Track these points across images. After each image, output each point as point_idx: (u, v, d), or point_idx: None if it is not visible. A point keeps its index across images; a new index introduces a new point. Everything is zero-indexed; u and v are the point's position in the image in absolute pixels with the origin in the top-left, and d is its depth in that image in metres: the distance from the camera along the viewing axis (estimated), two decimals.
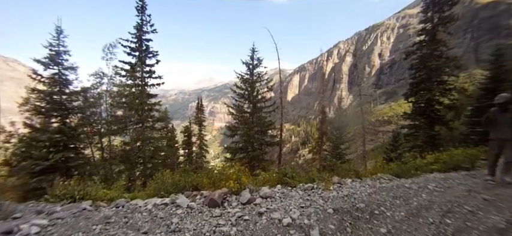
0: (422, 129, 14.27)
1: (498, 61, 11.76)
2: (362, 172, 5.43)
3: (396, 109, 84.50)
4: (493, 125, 4.70)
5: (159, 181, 4.87)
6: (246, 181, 3.81)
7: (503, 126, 4.57)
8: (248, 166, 16.91)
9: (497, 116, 4.62)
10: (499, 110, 4.59)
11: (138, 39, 15.47)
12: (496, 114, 4.63)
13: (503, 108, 4.53)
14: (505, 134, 4.54)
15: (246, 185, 3.94)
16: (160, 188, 4.70)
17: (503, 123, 4.57)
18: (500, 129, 4.58)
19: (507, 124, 4.55)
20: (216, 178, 4.15)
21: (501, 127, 4.58)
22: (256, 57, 16.57)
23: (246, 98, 16.51)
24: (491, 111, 4.69)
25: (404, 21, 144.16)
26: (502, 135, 4.57)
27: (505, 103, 4.49)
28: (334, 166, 5.98)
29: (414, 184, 4.27)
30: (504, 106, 4.51)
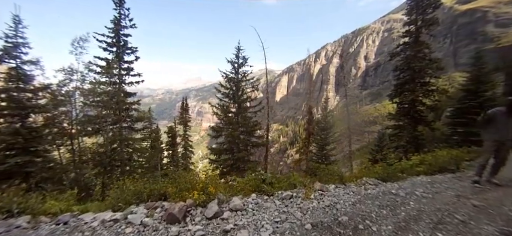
0: (406, 129, 14.37)
1: (478, 63, 11.96)
2: (346, 176, 5.08)
3: (381, 110, 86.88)
4: (493, 126, 4.50)
5: (117, 190, 4.24)
6: (214, 190, 3.30)
7: (504, 128, 4.42)
8: (233, 168, 16.52)
9: (498, 117, 4.42)
10: (503, 112, 4.39)
11: (115, 34, 14.51)
12: (498, 115, 4.43)
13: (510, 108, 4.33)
14: (505, 136, 4.42)
15: (216, 195, 3.42)
16: (119, 198, 4.08)
17: (505, 124, 4.41)
18: (502, 131, 4.42)
19: (508, 127, 4.41)
20: (183, 187, 3.61)
21: (501, 129, 4.42)
22: (241, 56, 16.05)
23: (231, 98, 15.94)
24: (491, 112, 4.49)
25: (389, 25, 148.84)
26: (502, 137, 4.43)
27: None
28: (318, 170, 5.59)
29: (401, 189, 3.94)
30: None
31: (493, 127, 4.53)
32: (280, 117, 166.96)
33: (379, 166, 6.33)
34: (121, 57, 14.65)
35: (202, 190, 3.28)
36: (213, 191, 3.29)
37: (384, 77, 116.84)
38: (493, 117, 4.49)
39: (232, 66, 15.81)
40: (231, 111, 16.56)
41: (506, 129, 4.43)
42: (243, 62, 15.92)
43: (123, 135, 14.77)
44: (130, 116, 15.01)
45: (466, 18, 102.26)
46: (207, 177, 3.68)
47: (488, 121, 4.53)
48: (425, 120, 14.10)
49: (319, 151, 12.53)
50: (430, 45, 14.88)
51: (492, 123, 4.51)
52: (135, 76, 15.12)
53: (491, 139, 4.60)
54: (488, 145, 4.67)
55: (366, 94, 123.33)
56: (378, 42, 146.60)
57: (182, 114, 28.82)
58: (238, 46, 16.01)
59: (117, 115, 14.56)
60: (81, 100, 12.44)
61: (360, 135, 79.78)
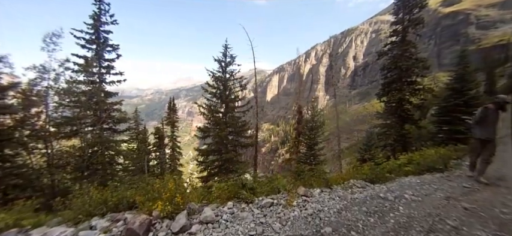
0: (394, 127, 14.46)
1: (462, 63, 12.12)
2: (333, 178, 4.81)
3: (369, 109, 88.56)
4: (481, 125, 4.61)
5: (79, 201, 3.77)
6: (181, 200, 2.91)
7: (491, 126, 4.54)
8: (221, 169, 16.08)
9: (489, 115, 4.51)
10: (494, 109, 4.48)
11: (95, 30, 13.77)
12: (488, 112, 4.51)
13: (500, 107, 4.46)
14: (491, 134, 4.54)
15: (187, 204, 3.04)
16: (80, 209, 3.62)
17: (492, 123, 4.54)
18: (488, 128, 4.55)
19: (495, 124, 4.55)
20: (150, 196, 3.20)
21: (489, 127, 4.54)
22: (229, 54, 15.63)
23: (218, 97, 15.48)
24: (483, 110, 4.57)
25: (377, 26, 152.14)
26: (488, 135, 4.55)
27: (504, 104, 4.43)
28: (303, 174, 5.30)
29: (390, 192, 3.70)
30: (501, 106, 4.45)
31: (480, 125, 4.64)
32: (271, 116, 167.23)
33: (367, 167, 6.13)
34: (101, 55, 13.92)
35: (169, 200, 2.89)
36: (181, 201, 2.90)
37: (372, 77, 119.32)
38: (486, 115, 4.56)
39: (220, 64, 15.36)
40: (218, 111, 16.12)
41: (491, 127, 4.54)
42: (230, 61, 15.51)
43: (104, 137, 14.03)
44: (111, 117, 14.27)
45: (449, 20, 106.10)
46: (177, 184, 3.28)
47: (481, 119, 4.60)
48: (412, 118, 14.24)
49: (308, 151, 12.31)
50: (416, 45, 15.06)
51: (483, 121, 4.59)
52: (117, 75, 14.41)
53: (478, 136, 4.71)
54: (475, 143, 4.79)
55: (355, 94, 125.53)
56: (366, 43, 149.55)
57: (169, 114, 28.02)
58: (225, 44, 15.59)
59: (97, 117, 13.82)
60: (55, 100, 11.62)
61: (350, 133, 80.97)
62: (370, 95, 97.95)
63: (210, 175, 16.26)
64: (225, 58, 15.54)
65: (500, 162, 6.52)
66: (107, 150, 14.25)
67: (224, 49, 15.47)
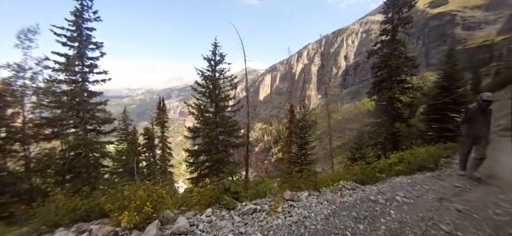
0: (384, 126, 14.51)
1: (451, 61, 12.24)
2: (322, 180, 4.60)
3: (361, 107, 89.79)
4: (470, 122, 4.69)
5: (44, 209, 3.40)
6: (151, 209, 2.61)
7: (480, 124, 4.59)
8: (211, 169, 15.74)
9: (476, 114, 4.60)
10: (480, 108, 4.54)
11: (76, 27, 13.14)
12: (475, 111, 4.61)
13: (486, 106, 4.50)
14: (480, 132, 4.58)
15: (162, 213, 2.74)
16: (45, 219, 3.26)
17: (481, 121, 4.59)
18: (476, 127, 4.60)
19: (484, 123, 4.59)
20: (120, 204, 2.88)
21: (477, 125, 4.60)
22: (218, 53, 15.28)
23: (207, 97, 15.12)
24: (470, 108, 4.68)
25: (367, 26, 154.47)
26: (477, 132, 4.60)
27: (490, 102, 4.48)
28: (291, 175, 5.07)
29: (380, 194, 3.51)
30: (487, 104, 4.49)
31: (470, 123, 4.72)
32: (264, 116, 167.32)
33: (357, 166, 5.98)
34: (83, 53, 13.30)
35: (138, 209, 2.59)
36: (151, 210, 2.60)
37: (363, 76, 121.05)
38: (473, 114, 4.65)
39: (209, 63, 14.99)
40: (208, 110, 15.75)
41: (479, 125, 4.61)
42: (220, 59, 15.17)
43: (88, 138, 13.43)
44: (95, 118, 13.68)
45: (437, 21, 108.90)
46: (150, 191, 2.96)
47: (468, 120, 4.71)
48: (402, 116, 14.32)
49: (299, 151, 12.14)
50: (405, 44, 15.15)
51: (471, 119, 4.68)
52: (101, 74, 13.81)
53: (467, 134, 4.79)
54: (465, 140, 4.86)
55: (346, 93, 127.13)
56: (357, 43, 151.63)
57: (159, 115, 27.41)
58: (215, 42, 15.24)
59: (80, 117, 13.21)
60: (33, 100, 10.98)
61: (341, 132, 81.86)
62: (361, 94, 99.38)
63: (200, 176, 15.90)
64: (215, 56, 15.19)
65: (491, 160, 6.51)
66: (92, 152, 13.68)
67: (213, 47, 15.12)
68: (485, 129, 4.64)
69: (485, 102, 4.48)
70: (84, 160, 12.84)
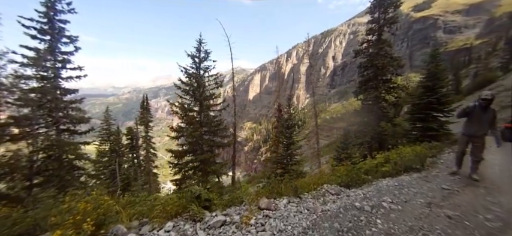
0: (371, 125, 14.54)
1: (434, 61, 12.35)
2: (305, 183, 4.27)
3: (348, 107, 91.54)
4: (468, 120, 4.60)
5: None
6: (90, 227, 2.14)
7: (479, 123, 4.45)
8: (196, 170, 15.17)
9: (475, 112, 4.44)
10: (479, 106, 4.38)
11: (48, 19, 12.16)
12: (474, 110, 4.45)
13: (485, 105, 4.33)
14: (478, 132, 4.47)
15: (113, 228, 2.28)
16: None
17: (479, 120, 4.44)
18: (475, 126, 4.49)
19: (483, 122, 4.42)
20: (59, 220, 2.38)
21: (475, 124, 4.48)
22: (203, 50, 14.70)
23: (191, 95, 14.52)
24: (469, 106, 4.56)
25: (354, 28, 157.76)
26: (474, 131, 4.51)
27: (489, 100, 4.30)
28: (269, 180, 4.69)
29: (366, 200, 3.21)
30: (488, 103, 4.31)
31: (469, 120, 4.62)
32: (253, 115, 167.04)
33: (343, 168, 5.71)
34: (55, 47, 12.34)
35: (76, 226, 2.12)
36: (90, 228, 2.13)
37: (350, 76, 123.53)
38: (469, 112, 4.55)
39: (193, 60, 14.39)
40: (193, 109, 15.15)
41: (479, 124, 4.47)
42: (205, 56, 14.59)
43: (61, 139, 12.49)
44: (68, 117, 12.74)
45: (420, 24, 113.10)
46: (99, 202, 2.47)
47: (465, 115, 4.61)
48: (387, 115, 14.40)
49: (285, 151, 11.84)
50: (391, 44, 15.26)
51: (469, 117, 4.58)
52: (75, 70, 12.87)
53: (464, 131, 4.73)
54: (461, 138, 4.82)
55: (334, 93, 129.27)
56: (344, 44, 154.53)
57: (143, 114, 26.39)
58: (199, 39, 14.65)
59: (52, 117, 12.25)
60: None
61: (329, 131, 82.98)
62: (349, 94, 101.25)
63: (184, 177, 15.28)
64: (199, 53, 14.60)
65: None
66: (66, 154, 12.74)
67: (198, 44, 14.52)
68: (484, 129, 4.46)
69: (484, 100, 4.29)
70: (55, 163, 11.93)
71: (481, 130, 4.45)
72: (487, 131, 4.50)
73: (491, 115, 4.38)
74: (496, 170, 5.48)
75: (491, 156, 7.12)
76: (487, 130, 4.48)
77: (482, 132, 4.46)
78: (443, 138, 10.65)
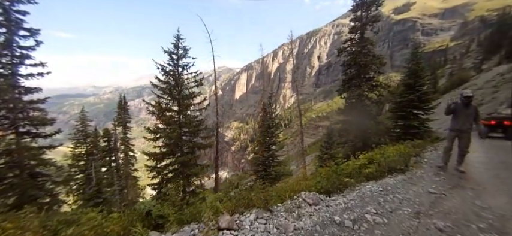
0: (354, 123, 14.48)
1: (415, 59, 12.44)
2: (282, 190, 3.78)
3: (333, 106, 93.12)
4: (454, 117, 4.98)
5: None
6: None
7: (463, 118, 4.83)
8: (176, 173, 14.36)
9: (459, 109, 4.87)
10: (462, 104, 4.81)
11: (3, 9, 10.88)
12: (458, 106, 4.87)
13: (467, 102, 4.76)
14: (464, 127, 4.82)
15: None
16: None
17: (464, 116, 4.82)
18: (460, 121, 4.85)
19: (467, 118, 4.81)
20: None
21: (461, 120, 4.85)
22: (182, 46, 13.86)
23: (168, 94, 13.66)
24: (454, 103, 4.96)
25: (338, 29, 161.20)
26: (461, 126, 4.84)
27: (471, 98, 4.75)
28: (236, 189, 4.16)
29: (347, 212, 2.76)
30: (469, 100, 4.74)
31: (454, 117, 4.99)
32: (240, 114, 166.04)
33: (324, 170, 5.30)
34: (13, 41, 11.07)
35: None
36: None
37: (335, 76, 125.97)
38: (454, 109, 4.93)
39: (170, 57, 13.51)
40: (171, 109, 14.29)
41: (463, 119, 4.83)
42: (183, 53, 13.75)
43: (20, 143, 11.25)
44: (29, 118, 11.51)
45: (400, 26, 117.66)
46: None
47: (451, 112, 4.98)
48: (370, 113, 14.39)
49: (266, 151, 11.37)
50: (373, 42, 15.29)
51: (455, 113, 4.96)
52: (37, 66, 11.62)
53: (452, 128, 5.03)
54: (450, 134, 5.11)
55: (320, 92, 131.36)
56: (329, 44, 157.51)
57: (120, 114, 24.96)
58: (177, 34, 13.77)
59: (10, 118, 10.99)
60: None
61: (315, 129, 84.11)
62: (333, 93, 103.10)
63: (163, 181, 14.39)
64: (177, 50, 13.74)
65: None
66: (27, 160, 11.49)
67: (176, 39, 13.65)
68: (469, 124, 4.81)
69: (465, 98, 4.74)
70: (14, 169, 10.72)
71: (467, 125, 4.80)
72: (472, 126, 4.85)
73: (473, 111, 4.81)
74: (481, 169, 5.31)
75: (474, 154, 7.04)
76: (472, 125, 4.84)
77: (468, 127, 4.80)
78: (425, 136, 10.68)
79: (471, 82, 32.62)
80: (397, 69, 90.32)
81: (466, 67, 49.81)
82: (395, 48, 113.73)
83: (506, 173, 5.06)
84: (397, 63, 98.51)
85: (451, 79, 40.39)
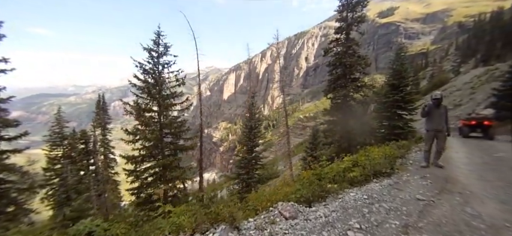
0: (340, 124, 14.40)
1: (399, 60, 12.51)
2: (257, 200, 3.36)
3: (320, 106, 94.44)
4: (429, 118, 5.29)
5: None
6: None
7: (437, 118, 5.18)
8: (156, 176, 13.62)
9: (432, 110, 5.22)
10: (434, 105, 5.19)
11: None
12: (431, 107, 5.22)
13: (437, 103, 5.14)
14: (439, 126, 5.17)
15: None
16: None
17: (437, 116, 5.18)
18: (435, 121, 5.20)
19: (440, 117, 5.17)
20: None
21: (435, 120, 5.19)
22: (163, 43, 13.16)
23: (147, 93, 12.91)
24: (427, 105, 5.27)
25: (326, 31, 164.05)
26: (436, 126, 5.19)
27: (440, 99, 5.12)
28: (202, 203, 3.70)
29: (327, 229, 2.38)
30: (439, 101, 5.12)
31: (430, 118, 5.30)
32: (228, 115, 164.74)
33: (307, 174, 4.95)
34: None
35: None
36: None
37: (322, 77, 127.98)
38: (428, 111, 5.24)
39: (150, 54, 12.76)
40: (151, 109, 13.53)
41: (439, 119, 5.17)
42: (164, 51, 13.05)
43: None
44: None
45: (384, 29, 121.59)
46: None
47: (427, 113, 5.27)
48: (356, 114, 14.37)
49: (249, 154, 10.92)
50: (359, 43, 15.31)
51: (429, 115, 5.27)
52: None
53: (429, 128, 5.33)
54: (428, 134, 5.38)
55: (307, 93, 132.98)
56: (316, 45, 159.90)
57: (99, 115, 23.70)
58: (158, 31, 13.04)
59: None
60: None
61: (303, 129, 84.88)
62: (320, 94, 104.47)
63: (143, 186, 13.59)
64: (158, 47, 13.02)
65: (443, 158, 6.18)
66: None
67: (156, 36, 12.92)
68: (443, 123, 5.15)
69: (435, 99, 5.14)
70: None
71: (441, 124, 5.15)
72: (445, 125, 5.18)
73: (443, 111, 5.20)
74: (465, 170, 5.16)
75: (457, 155, 6.99)
76: (445, 124, 5.17)
77: (442, 126, 5.15)
78: (409, 136, 10.69)
79: (450, 83, 33.90)
80: (382, 71, 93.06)
81: (445, 70, 51.98)
82: (379, 51, 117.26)
83: (490, 175, 4.93)
84: (382, 65, 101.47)
85: (432, 81, 41.93)
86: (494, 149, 7.49)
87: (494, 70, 26.40)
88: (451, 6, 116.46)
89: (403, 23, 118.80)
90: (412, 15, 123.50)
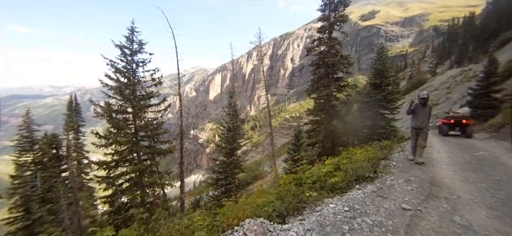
0: (323, 124, 14.24)
1: (381, 60, 12.52)
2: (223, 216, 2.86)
3: (305, 106, 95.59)
4: (414, 116, 5.61)
5: None
6: None
7: (421, 117, 5.50)
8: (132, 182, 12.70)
9: (418, 108, 5.52)
10: (420, 104, 5.49)
11: None
12: (417, 106, 5.54)
13: (424, 102, 5.43)
14: (422, 124, 5.48)
15: None
16: None
17: (422, 114, 5.49)
18: (419, 119, 5.52)
19: (424, 116, 5.49)
20: None
21: (420, 118, 5.51)
22: (137, 40, 12.29)
23: (119, 94, 11.96)
24: (413, 103, 5.58)
25: (311, 32, 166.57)
26: (420, 124, 5.50)
27: (427, 99, 5.40)
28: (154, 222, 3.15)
29: None
30: (425, 101, 5.41)
31: (414, 115, 5.62)
32: (214, 116, 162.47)
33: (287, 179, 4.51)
34: None
35: None
36: None
37: (307, 78, 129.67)
38: (414, 109, 5.56)
39: (122, 52, 11.84)
40: (125, 111, 12.59)
41: (422, 118, 5.50)
42: (138, 48, 12.18)
43: None
44: None
45: (366, 32, 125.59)
46: None
47: (413, 111, 5.57)
48: (339, 114, 14.28)
49: (227, 157, 10.35)
50: (341, 43, 15.27)
51: (414, 113, 5.58)
52: None
53: (413, 125, 5.66)
54: (412, 130, 5.73)
55: (293, 93, 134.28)
56: (301, 46, 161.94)
57: (71, 117, 22.05)
58: (132, 27, 12.17)
59: None
60: None
61: (289, 129, 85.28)
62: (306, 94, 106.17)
63: (117, 193, 12.60)
64: (132, 44, 12.13)
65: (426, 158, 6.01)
66: None
67: (130, 32, 12.02)
68: (426, 121, 5.48)
69: (422, 99, 5.42)
70: None
71: (424, 122, 5.46)
72: (428, 123, 5.52)
73: (428, 110, 5.53)
74: (448, 172, 4.95)
75: (438, 154, 6.87)
76: (428, 122, 5.51)
77: (425, 124, 5.46)
78: (391, 135, 10.65)
79: (428, 84, 35.29)
80: (364, 72, 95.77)
81: (423, 71, 54.23)
82: (362, 52, 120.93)
83: (474, 176, 4.74)
84: (364, 67, 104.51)
85: (411, 82, 43.52)
86: (475, 147, 7.49)
87: (468, 71, 27.69)
88: (427, 10, 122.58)
89: (384, 26, 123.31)
90: (392, 19, 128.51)
